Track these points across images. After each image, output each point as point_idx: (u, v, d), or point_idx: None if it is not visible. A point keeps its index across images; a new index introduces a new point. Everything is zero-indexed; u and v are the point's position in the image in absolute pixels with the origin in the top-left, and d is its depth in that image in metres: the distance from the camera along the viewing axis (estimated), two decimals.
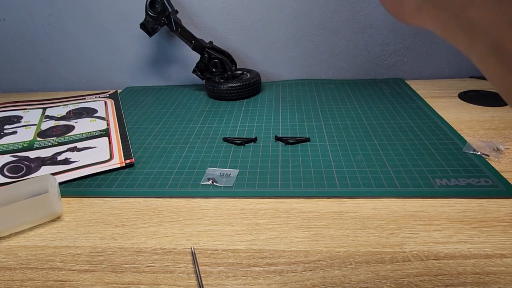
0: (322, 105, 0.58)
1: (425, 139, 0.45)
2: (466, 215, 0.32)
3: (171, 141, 0.49)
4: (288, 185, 0.38)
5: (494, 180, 0.36)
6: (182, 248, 0.31)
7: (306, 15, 0.66)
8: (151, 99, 0.66)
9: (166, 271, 0.28)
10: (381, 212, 0.33)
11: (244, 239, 0.31)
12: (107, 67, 0.74)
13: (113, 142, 0.49)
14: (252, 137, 0.48)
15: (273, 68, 0.71)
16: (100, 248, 0.31)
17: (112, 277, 0.28)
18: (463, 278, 0.26)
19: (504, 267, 0.27)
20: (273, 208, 0.35)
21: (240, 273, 0.28)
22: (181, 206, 0.36)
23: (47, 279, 0.28)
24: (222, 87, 0.62)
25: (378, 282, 0.26)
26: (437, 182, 0.37)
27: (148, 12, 0.62)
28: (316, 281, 0.26)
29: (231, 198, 0.37)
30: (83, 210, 0.36)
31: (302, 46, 0.69)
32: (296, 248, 0.30)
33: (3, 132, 0.54)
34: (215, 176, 0.40)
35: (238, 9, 0.66)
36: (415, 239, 0.30)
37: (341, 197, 0.36)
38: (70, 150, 0.48)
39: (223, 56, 0.64)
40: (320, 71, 0.71)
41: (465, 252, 0.28)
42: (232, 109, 0.59)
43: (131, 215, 0.35)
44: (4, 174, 0.43)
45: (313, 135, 0.48)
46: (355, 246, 0.29)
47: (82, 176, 0.41)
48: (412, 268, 0.27)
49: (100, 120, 0.56)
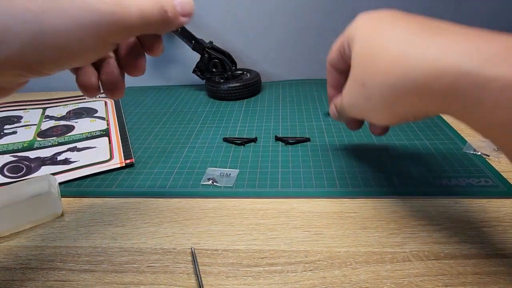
0: (322, 105, 0.58)
1: (425, 139, 0.45)
2: (466, 215, 0.32)
3: (171, 141, 0.49)
4: (288, 185, 0.38)
5: (495, 180, 0.36)
6: (182, 248, 0.31)
7: (306, 15, 0.66)
8: (151, 99, 0.66)
9: (166, 271, 0.28)
10: (381, 212, 0.33)
11: (244, 239, 0.31)
12: None
13: (113, 142, 0.49)
14: (252, 137, 0.48)
15: (273, 68, 0.71)
16: (100, 248, 0.31)
17: (112, 277, 0.28)
18: (463, 278, 0.26)
19: (504, 267, 0.27)
20: (273, 208, 0.35)
21: (240, 273, 0.28)
22: (181, 206, 0.36)
23: (47, 279, 0.28)
24: (222, 87, 0.62)
25: (378, 282, 0.26)
26: (437, 182, 0.37)
27: None
28: (316, 281, 0.26)
29: (231, 198, 0.37)
30: (83, 210, 0.36)
31: (302, 46, 0.69)
32: (296, 248, 0.30)
33: (3, 132, 0.54)
34: (215, 176, 0.40)
35: (238, 9, 0.66)
36: (415, 239, 0.30)
37: (341, 197, 0.36)
38: (70, 150, 0.48)
39: (223, 56, 0.64)
40: (320, 71, 0.71)
41: (465, 252, 0.28)
42: (232, 109, 0.59)
43: (131, 215, 0.35)
44: (4, 174, 0.43)
45: (313, 135, 0.48)
46: (355, 246, 0.29)
47: (82, 176, 0.41)
48: (412, 268, 0.27)
49: (100, 120, 0.56)
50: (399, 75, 0.23)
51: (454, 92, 0.20)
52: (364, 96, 0.27)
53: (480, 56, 0.19)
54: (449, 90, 0.21)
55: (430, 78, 0.21)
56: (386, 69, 0.24)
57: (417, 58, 0.22)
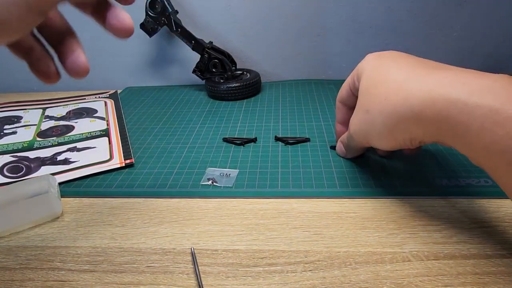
0: (322, 105, 0.58)
1: None
2: (466, 215, 0.32)
3: (171, 141, 0.49)
4: (288, 185, 0.38)
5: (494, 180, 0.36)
6: (182, 248, 0.31)
7: (306, 15, 0.66)
8: (151, 99, 0.66)
9: (166, 271, 0.28)
10: (381, 212, 0.33)
11: (244, 239, 0.31)
12: (107, 67, 0.74)
13: (113, 142, 0.49)
14: (252, 137, 0.48)
15: (273, 68, 0.71)
16: (100, 248, 0.31)
17: (112, 277, 0.28)
18: (463, 278, 0.26)
19: (504, 268, 0.27)
20: (273, 208, 0.35)
21: (240, 273, 0.28)
22: (181, 206, 0.36)
23: (47, 279, 0.28)
24: (222, 87, 0.62)
25: (378, 283, 0.26)
26: (436, 182, 0.37)
27: (148, 12, 0.62)
28: (316, 281, 0.26)
29: (231, 198, 0.37)
30: (83, 210, 0.36)
31: (302, 46, 0.69)
32: (296, 248, 0.30)
33: (3, 132, 0.54)
34: (215, 176, 0.40)
35: (238, 9, 0.66)
36: (415, 239, 0.30)
37: (340, 197, 0.36)
38: (70, 150, 0.48)
39: (223, 56, 0.64)
40: (320, 71, 0.71)
41: (465, 252, 0.28)
42: (232, 109, 0.59)
43: (131, 215, 0.35)
44: (4, 174, 0.43)
45: (313, 135, 0.48)
46: (355, 246, 0.29)
47: (82, 176, 0.41)
48: (412, 268, 0.27)
49: (100, 120, 0.56)
50: (398, 101, 0.27)
51: (445, 118, 0.24)
52: (368, 122, 0.31)
53: (468, 88, 0.23)
54: (440, 117, 0.24)
55: (424, 105, 0.25)
56: (387, 96, 0.28)
57: (414, 88, 0.26)
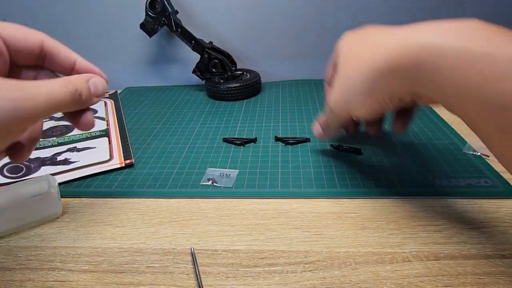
0: (322, 105, 0.58)
1: (425, 139, 0.45)
2: (466, 216, 0.32)
3: (171, 141, 0.49)
4: (288, 186, 0.38)
5: (494, 180, 0.36)
6: (182, 248, 0.31)
7: (306, 15, 0.66)
8: (151, 99, 0.66)
9: (166, 272, 0.28)
10: (381, 212, 0.33)
11: (244, 240, 0.31)
12: (107, 67, 0.73)
13: (113, 142, 0.49)
14: (252, 138, 0.48)
15: (273, 68, 0.71)
16: (99, 248, 0.31)
17: (112, 277, 0.28)
18: (463, 279, 0.26)
19: (504, 268, 0.27)
20: (273, 208, 0.35)
21: (240, 273, 0.28)
22: (181, 207, 0.36)
23: (46, 280, 0.28)
24: (222, 88, 0.62)
25: (378, 283, 0.26)
26: (436, 182, 0.37)
27: (148, 12, 0.62)
28: (316, 282, 0.26)
29: (231, 198, 0.37)
30: (83, 210, 0.36)
31: (302, 46, 0.69)
32: (296, 248, 0.30)
33: None
34: (215, 176, 0.40)
35: (238, 9, 0.66)
36: (415, 240, 0.30)
37: (340, 197, 0.36)
38: (70, 150, 0.48)
39: (223, 57, 0.64)
40: (320, 71, 0.71)
41: (465, 252, 0.28)
42: (232, 109, 0.59)
43: (131, 215, 0.35)
44: (4, 174, 0.43)
45: (313, 135, 0.48)
46: (355, 247, 0.29)
47: (82, 176, 0.41)
48: (412, 268, 0.27)
49: (100, 120, 0.56)
50: (374, 58, 0.27)
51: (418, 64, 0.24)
52: (349, 86, 0.31)
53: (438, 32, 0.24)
54: (414, 63, 0.25)
55: (398, 54, 0.25)
56: (365, 58, 0.28)
57: (388, 41, 0.27)
